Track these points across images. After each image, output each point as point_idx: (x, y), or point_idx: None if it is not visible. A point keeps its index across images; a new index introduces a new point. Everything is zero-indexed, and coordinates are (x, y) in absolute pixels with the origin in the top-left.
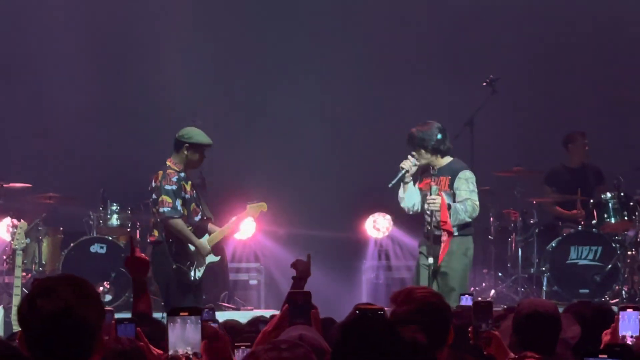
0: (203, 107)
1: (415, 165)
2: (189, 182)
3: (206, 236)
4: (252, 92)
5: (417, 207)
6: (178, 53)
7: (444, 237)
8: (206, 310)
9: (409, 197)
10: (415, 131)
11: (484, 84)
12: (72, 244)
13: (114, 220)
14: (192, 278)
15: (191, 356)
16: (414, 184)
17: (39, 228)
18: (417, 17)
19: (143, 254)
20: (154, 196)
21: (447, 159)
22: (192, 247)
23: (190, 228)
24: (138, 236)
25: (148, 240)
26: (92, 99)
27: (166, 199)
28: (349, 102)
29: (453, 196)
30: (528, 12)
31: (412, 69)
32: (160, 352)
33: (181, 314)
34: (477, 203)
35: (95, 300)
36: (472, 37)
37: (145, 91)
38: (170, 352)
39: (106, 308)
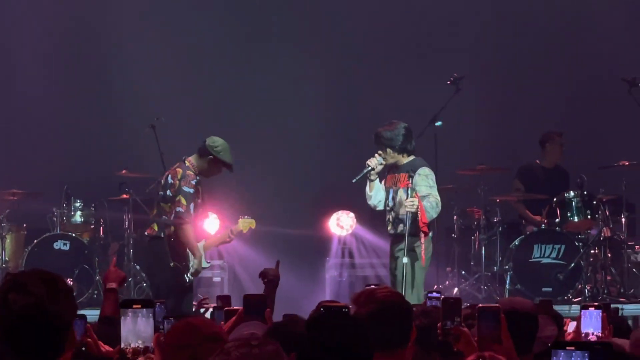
0: (168, 107)
1: (382, 164)
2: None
3: (203, 242)
4: (214, 93)
5: (382, 205)
6: (144, 50)
7: (422, 238)
8: (158, 304)
9: (375, 194)
10: (381, 131)
11: (448, 82)
12: (35, 241)
13: (78, 217)
14: (188, 280)
15: (142, 350)
16: (380, 182)
17: (2, 225)
18: (382, 15)
19: (120, 269)
20: (168, 192)
21: (410, 158)
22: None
23: None
24: (102, 233)
25: (145, 233)
26: (56, 96)
27: (182, 200)
28: (312, 100)
29: (412, 193)
30: (492, 11)
31: (376, 67)
32: (111, 349)
33: (134, 306)
34: (439, 198)
35: (68, 296)
36: (436, 35)
37: (110, 89)
38: (122, 345)
39: None
